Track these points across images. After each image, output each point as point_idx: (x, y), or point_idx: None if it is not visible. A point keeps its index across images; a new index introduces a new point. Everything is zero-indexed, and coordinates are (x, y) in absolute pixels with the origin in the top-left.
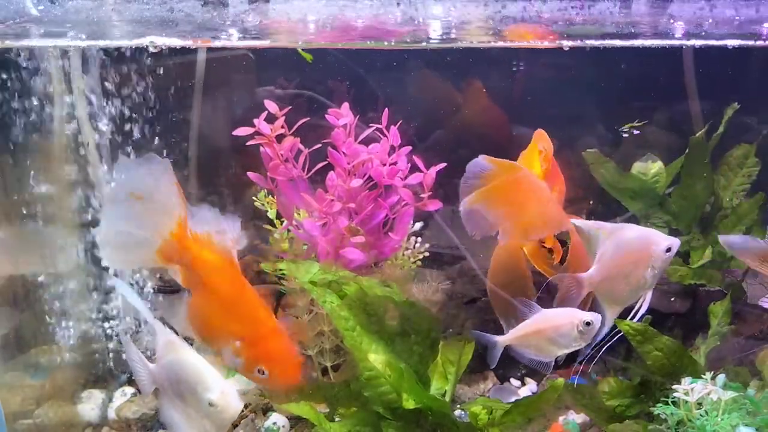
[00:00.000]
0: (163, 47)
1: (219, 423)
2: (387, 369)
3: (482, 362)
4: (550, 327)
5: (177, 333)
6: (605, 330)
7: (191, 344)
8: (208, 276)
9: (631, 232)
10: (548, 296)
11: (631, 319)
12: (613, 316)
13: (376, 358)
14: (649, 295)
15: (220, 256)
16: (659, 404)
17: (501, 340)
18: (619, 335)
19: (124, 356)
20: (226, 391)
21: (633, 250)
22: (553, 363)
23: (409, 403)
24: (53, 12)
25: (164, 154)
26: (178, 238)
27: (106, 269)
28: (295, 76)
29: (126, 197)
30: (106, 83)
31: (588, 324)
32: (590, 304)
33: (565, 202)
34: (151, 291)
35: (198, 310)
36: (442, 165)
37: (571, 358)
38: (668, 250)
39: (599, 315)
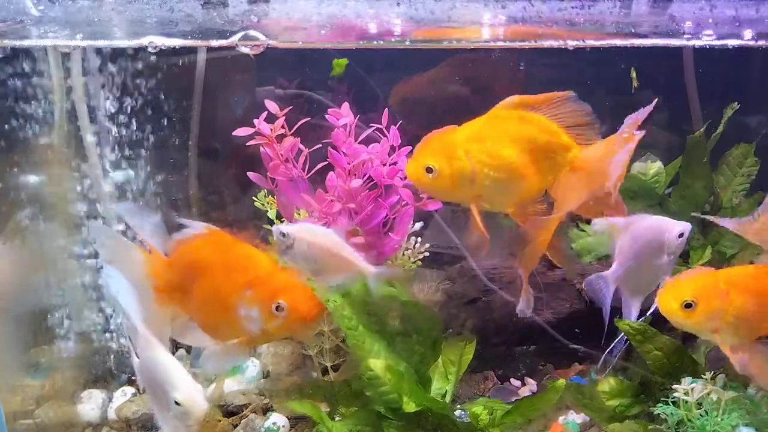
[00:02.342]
0: (163, 47)
1: (186, 422)
2: (387, 373)
3: (482, 362)
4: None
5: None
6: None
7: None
8: (186, 255)
9: (644, 222)
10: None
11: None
12: (637, 305)
13: (375, 363)
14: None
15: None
16: (659, 404)
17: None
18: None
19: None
20: (191, 391)
21: (648, 240)
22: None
23: (410, 406)
24: (53, 12)
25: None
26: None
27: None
28: (295, 76)
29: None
30: (106, 83)
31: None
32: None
33: None
34: None
35: (197, 301)
36: None
37: (572, 357)
38: (681, 235)
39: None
